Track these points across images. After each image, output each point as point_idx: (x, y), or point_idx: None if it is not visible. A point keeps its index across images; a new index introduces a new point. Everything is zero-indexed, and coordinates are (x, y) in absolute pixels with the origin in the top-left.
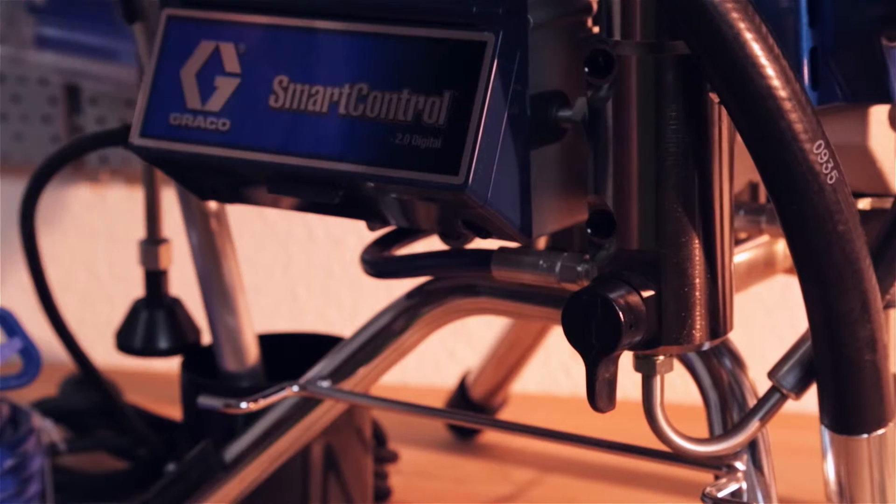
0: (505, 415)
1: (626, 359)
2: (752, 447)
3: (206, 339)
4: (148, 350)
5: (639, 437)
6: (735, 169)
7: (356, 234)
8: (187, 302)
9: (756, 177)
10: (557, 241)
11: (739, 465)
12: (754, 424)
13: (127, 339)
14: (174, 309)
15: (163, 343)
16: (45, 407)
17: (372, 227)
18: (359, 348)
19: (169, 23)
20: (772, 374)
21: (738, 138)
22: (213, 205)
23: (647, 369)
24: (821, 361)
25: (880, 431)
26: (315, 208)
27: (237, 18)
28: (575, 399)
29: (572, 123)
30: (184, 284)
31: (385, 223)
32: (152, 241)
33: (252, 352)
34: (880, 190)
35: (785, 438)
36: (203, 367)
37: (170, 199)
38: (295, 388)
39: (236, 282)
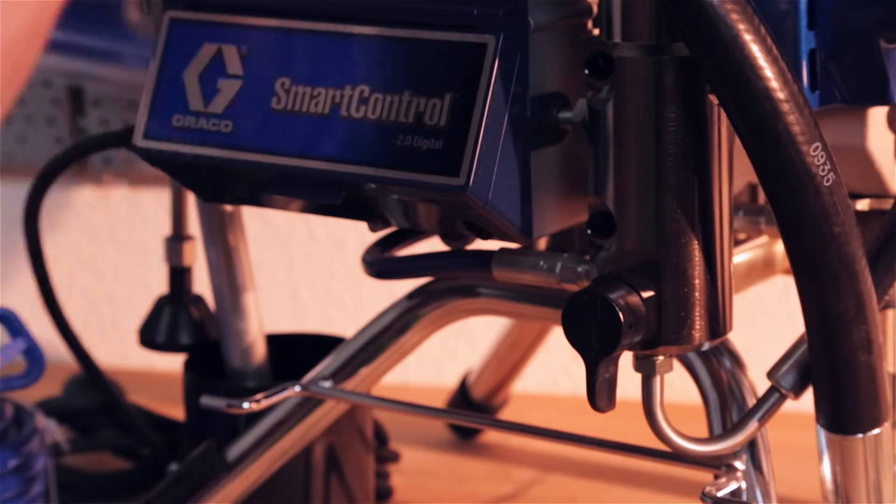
0: (506, 415)
1: (626, 359)
2: (752, 447)
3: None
4: (170, 345)
5: (639, 437)
6: (734, 170)
7: (358, 235)
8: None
9: (755, 178)
10: (558, 242)
11: (739, 465)
12: (753, 424)
13: (150, 334)
14: (197, 305)
15: (184, 339)
16: (49, 407)
17: (373, 229)
18: (360, 349)
19: (172, 25)
20: (771, 374)
21: (738, 139)
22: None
23: (646, 369)
24: (816, 362)
25: (875, 431)
26: (317, 209)
27: (240, 21)
28: (575, 399)
29: (573, 125)
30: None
31: (386, 224)
32: (177, 238)
33: (259, 351)
34: (878, 191)
35: (784, 438)
36: (206, 367)
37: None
38: (297, 389)
39: (248, 280)
